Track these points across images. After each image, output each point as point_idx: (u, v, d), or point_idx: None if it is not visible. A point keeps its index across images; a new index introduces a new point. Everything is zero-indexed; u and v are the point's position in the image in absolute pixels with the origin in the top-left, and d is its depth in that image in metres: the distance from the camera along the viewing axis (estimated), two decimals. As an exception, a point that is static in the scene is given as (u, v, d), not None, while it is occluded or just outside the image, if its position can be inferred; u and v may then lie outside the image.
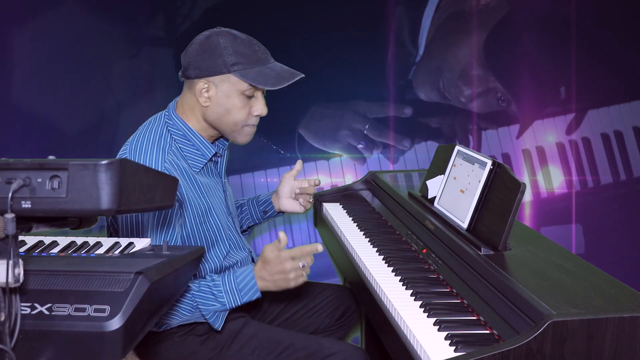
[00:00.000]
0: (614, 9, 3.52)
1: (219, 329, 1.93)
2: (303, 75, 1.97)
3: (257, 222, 2.39)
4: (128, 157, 1.88)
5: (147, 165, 1.83)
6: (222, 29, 1.96)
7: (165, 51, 3.35)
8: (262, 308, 2.22)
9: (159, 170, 1.81)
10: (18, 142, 3.29)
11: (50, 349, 1.29)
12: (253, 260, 2.15)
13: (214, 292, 1.88)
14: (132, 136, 1.98)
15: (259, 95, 1.97)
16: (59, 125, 3.32)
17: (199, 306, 1.87)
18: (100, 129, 3.34)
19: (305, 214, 3.12)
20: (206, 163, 2.00)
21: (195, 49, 1.93)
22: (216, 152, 2.02)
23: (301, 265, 1.90)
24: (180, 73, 1.99)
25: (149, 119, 2.02)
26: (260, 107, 1.97)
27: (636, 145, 3.57)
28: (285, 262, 1.88)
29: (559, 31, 3.52)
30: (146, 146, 1.90)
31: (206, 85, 1.92)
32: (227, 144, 2.08)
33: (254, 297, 1.90)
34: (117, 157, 1.92)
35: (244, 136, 2.00)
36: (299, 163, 2.35)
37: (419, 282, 1.87)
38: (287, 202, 2.36)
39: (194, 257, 1.60)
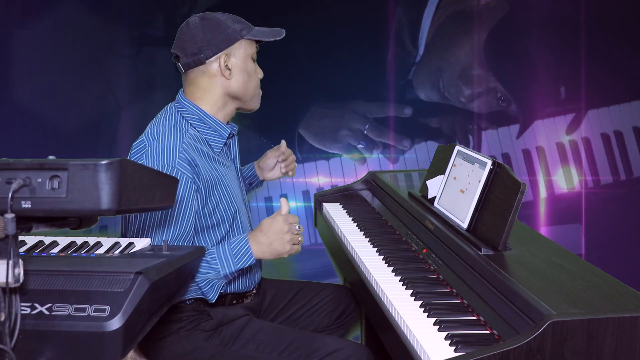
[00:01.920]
0: (613, 9, 3.52)
1: (213, 301, 1.90)
2: (284, 30, 2.09)
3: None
4: (146, 145, 1.91)
5: (166, 148, 1.88)
6: (198, 13, 2.05)
7: (165, 51, 3.35)
8: (262, 308, 2.23)
9: (177, 151, 1.87)
10: (18, 142, 3.29)
11: (50, 349, 1.29)
12: None
13: (207, 259, 1.87)
14: (146, 129, 2.00)
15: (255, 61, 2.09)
16: (59, 125, 3.32)
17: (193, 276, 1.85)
18: (100, 128, 3.34)
19: (305, 216, 3.12)
20: (225, 143, 2.05)
21: (198, 32, 1.96)
22: (230, 132, 2.06)
23: (297, 227, 1.91)
24: (191, 61, 1.98)
25: (159, 113, 2.05)
26: (260, 70, 2.08)
27: (636, 145, 3.57)
28: (281, 222, 1.89)
29: (559, 31, 3.53)
30: (163, 131, 1.93)
31: (225, 58, 1.99)
32: (236, 128, 2.11)
33: (248, 263, 1.89)
34: (132, 148, 1.95)
35: (258, 100, 2.10)
36: (283, 144, 2.41)
37: (419, 282, 1.87)
38: (270, 174, 2.43)
39: (194, 257, 1.60)
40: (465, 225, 1.95)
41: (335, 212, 2.55)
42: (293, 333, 2.01)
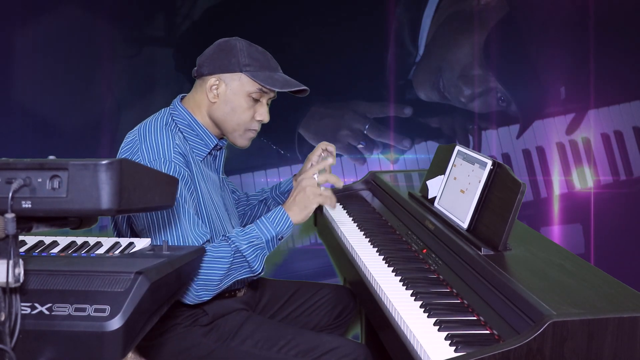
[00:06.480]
0: (613, 9, 3.52)
1: (259, 271, 1.94)
2: (308, 89, 2.06)
3: None
4: (138, 142, 1.92)
5: (160, 144, 1.90)
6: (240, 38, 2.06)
7: (165, 51, 3.36)
8: (260, 305, 2.24)
9: (172, 146, 1.89)
10: (18, 142, 3.29)
11: (50, 349, 1.29)
12: None
13: (246, 231, 1.93)
14: (135, 128, 2.01)
15: (264, 102, 2.04)
16: (59, 125, 3.32)
17: (237, 246, 1.89)
18: (101, 128, 3.34)
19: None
20: (208, 153, 2.05)
21: (212, 49, 2.03)
22: (217, 144, 2.06)
23: (315, 177, 2.00)
24: (194, 70, 2.06)
25: (152, 115, 2.05)
26: (263, 113, 2.04)
27: (636, 145, 3.57)
28: (300, 181, 2.00)
29: (559, 31, 3.53)
30: (154, 129, 1.95)
31: (217, 82, 1.99)
32: (226, 142, 2.10)
33: (287, 225, 1.96)
34: (123, 146, 1.97)
35: (244, 140, 2.06)
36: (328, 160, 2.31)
37: (419, 282, 1.87)
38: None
39: (194, 257, 1.60)
40: (465, 225, 1.95)
41: (335, 212, 2.55)
42: (292, 330, 2.02)
